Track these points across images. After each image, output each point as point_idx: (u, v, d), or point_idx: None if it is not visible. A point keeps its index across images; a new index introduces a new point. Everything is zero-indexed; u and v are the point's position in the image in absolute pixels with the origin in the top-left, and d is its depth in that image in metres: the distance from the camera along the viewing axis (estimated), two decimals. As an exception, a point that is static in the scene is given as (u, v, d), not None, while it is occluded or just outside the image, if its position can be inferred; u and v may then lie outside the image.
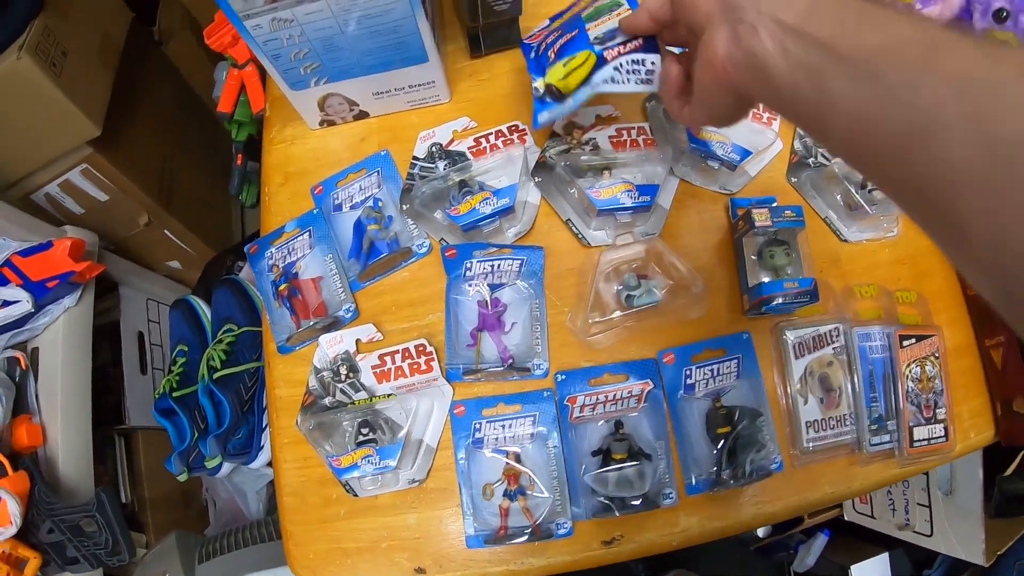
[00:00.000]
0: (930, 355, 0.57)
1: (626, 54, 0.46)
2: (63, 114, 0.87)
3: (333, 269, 0.59)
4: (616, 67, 0.46)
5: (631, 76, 0.46)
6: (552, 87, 0.48)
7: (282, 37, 0.53)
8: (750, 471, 0.52)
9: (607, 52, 0.46)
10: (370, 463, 0.49)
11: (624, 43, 0.46)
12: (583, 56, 0.47)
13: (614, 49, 0.46)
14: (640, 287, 0.53)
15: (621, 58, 0.46)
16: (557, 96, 0.48)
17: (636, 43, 0.46)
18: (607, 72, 0.46)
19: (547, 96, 0.49)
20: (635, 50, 0.46)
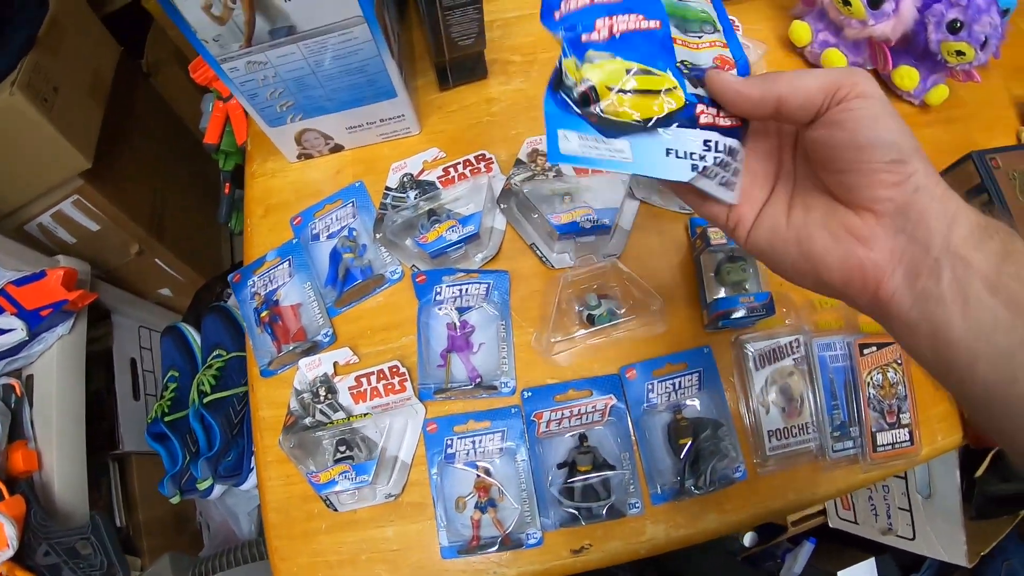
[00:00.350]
0: (892, 362, 0.60)
1: (724, 130, 0.32)
2: (54, 147, 0.93)
3: (311, 296, 0.63)
4: (707, 143, 0.32)
5: (720, 174, 0.33)
6: (592, 89, 0.31)
7: (257, 78, 0.58)
8: (713, 480, 0.56)
9: (701, 110, 0.32)
10: (347, 479, 0.53)
11: (717, 108, 0.32)
12: (663, 80, 0.32)
13: (711, 110, 0.32)
14: (601, 306, 0.57)
15: (716, 135, 0.32)
16: (592, 112, 0.31)
17: (734, 119, 0.33)
18: (690, 142, 0.32)
19: (572, 95, 0.31)
20: (732, 128, 0.33)
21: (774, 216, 0.34)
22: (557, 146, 0.31)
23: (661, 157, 0.32)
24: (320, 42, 0.54)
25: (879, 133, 0.29)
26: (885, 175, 0.29)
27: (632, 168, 0.32)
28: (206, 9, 0.49)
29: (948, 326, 0.28)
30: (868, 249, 0.30)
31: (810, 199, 0.33)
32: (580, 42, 0.32)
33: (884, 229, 0.30)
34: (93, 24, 1.04)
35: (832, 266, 0.31)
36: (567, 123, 0.31)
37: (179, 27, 0.51)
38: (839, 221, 0.31)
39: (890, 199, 0.29)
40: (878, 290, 0.30)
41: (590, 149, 0.31)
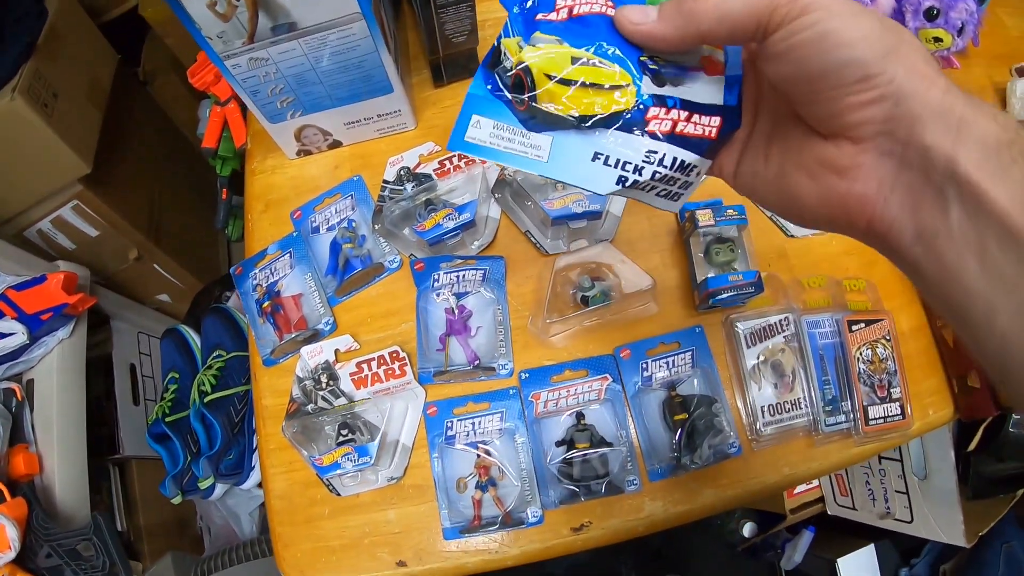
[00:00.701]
0: (880, 338, 0.63)
1: (689, 141, 0.28)
2: (55, 152, 0.95)
3: (312, 286, 0.65)
4: (650, 154, 0.28)
5: (660, 188, 0.30)
6: (527, 73, 0.28)
7: (259, 75, 0.60)
8: (709, 455, 0.58)
9: (655, 115, 0.28)
10: (349, 460, 0.55)
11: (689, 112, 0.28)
12: (613, 75, 0.28)
13: (671, 116, 0.28)
14: (594, 288, 0.60)
15: (667, 147, 0.28)
16: (522, 100, 0.28)
17: (708, 128, 0.29)
18: (629, 150, 0.28)
19: (505, 79, 0.28)
20: (700, 139, 0.28)
21: (754, 159, 0.30)
22: (464, 132, 0.28)
23: (584, 162, 0.28)
24: (320, 38, 0.57)
25: (832, 55, 0.24)
26: (852, 98, 0.24)
27: (543, 170, 0.28)
28: (211, 7, 0.52)
29: (960, 271, 0.24)
30: (850, 181, 0.26)
31: (787, 133, 0.29)
32: (533, 21, 0.29)
33: (867, 156, 0.25)
34: (91, 32, 1.07)
35: (812, 206, 0.28)
36: (488, 108, 0.28)
37: (184, 24, 0.53)
38: (815, 155, 0.27)
39: (866, 122, 0.25)
40: (871, 225, 0.26)
41: (501, 140, 0.28)
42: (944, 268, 0.24)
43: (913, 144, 0.24)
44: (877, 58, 0.24)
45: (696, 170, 0.29)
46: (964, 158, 0.23)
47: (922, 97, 0.24)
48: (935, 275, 0.25)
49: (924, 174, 0.24)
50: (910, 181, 0.25)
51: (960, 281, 0.24)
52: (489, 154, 0.28)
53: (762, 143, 0.30)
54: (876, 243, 0.27)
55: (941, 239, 0.24)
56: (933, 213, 0.24)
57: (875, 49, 0.24)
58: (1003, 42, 0.83)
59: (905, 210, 0.25)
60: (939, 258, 0.24)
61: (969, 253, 0.23)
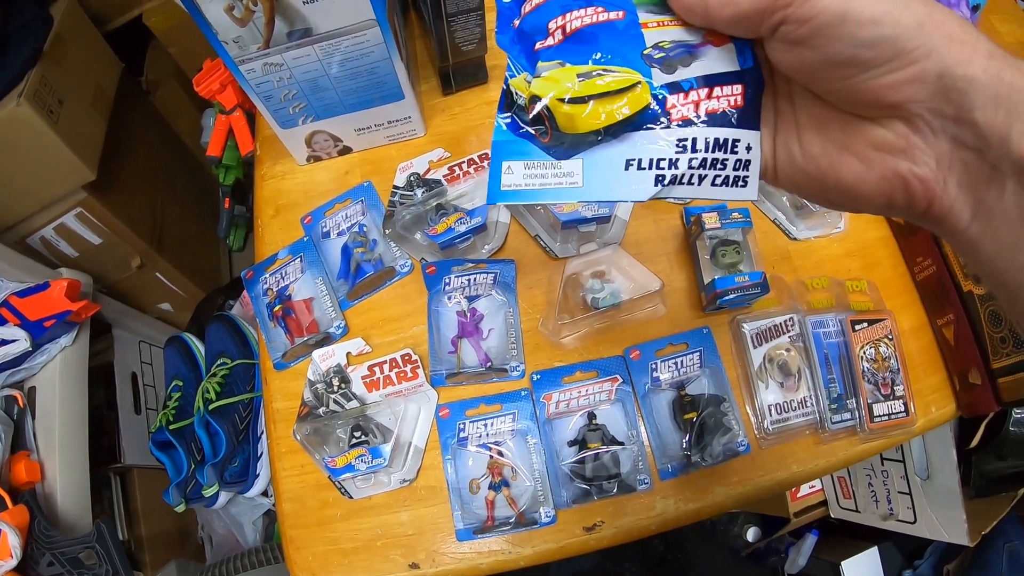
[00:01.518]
0: (883, 337, 0.64)
1: (719, 116, 0.27)
2: (60, 159, 0.96)
3: (323, 290, 0.66)
4: (689, 156, 0.27)
5: (711, 175, 0.28)
6: (543, 106, 0.28)
7: (273, 79, 0.61)
8: (719, 453, 0.59)
9: (674, 103, 0.28)
10: (363, 462, 0.56)
11: (709, 87, 0.27)
12: (623, 78, 0.27)
13: (692, 97, 0.28)
14: (604, 290, 0.61)
15: (697, 130, 0.27)
16: (544, 130, 0.28)
17: (731, 96, 0.28)
18: (658, 147, 0.27)
19: (523, 117, 0.28)
20: (726, 111, 0.27)
21: (788, 150, 0.28)
22: (499, 182, 0.28)
23: (619, 173, 0.28)
24: (334, 44, 0.58)
25: (856, 35, 0.22)
26: (889, 77, 0.22)
27: (582, 195, 0.28)
28: (228, 11, 0.53)
29: (1015, 248, 0.23)
30: (910, 163, 0.24)
31: (819, 114, 0.27)
32: (533, 53, 0.29)
33: (921, 135, 0.24)
34: (96, 40, 1.08)
35: (869, 192, 0.26)
36: (516, 150, 0.28)
37: (200, 27, 0.54)
38: (864, 138, 0.25)
39: (909, 100, 0.23)
40: (930, 207, 0.25)
41: (535, 179, 0.28)
42: (999, 245, 0.24)
43: (963, 122, 0.23)
44: (909, 31, 0.22)
45: (740, 143, 0.28)
46: (1017, 131, 0.21)
47: (966, 67, 0.22)
48: (991, 253, 0.24)
49: (978, 152, 0.23)
50: (965, 159, 0.23)
51: (1014, 257, 0.23)
52: (527, 196, 0.28)
53: (790, 132, 0.28)
54: (932, 224, 0.26)
55: (996, 216, 0.23)
56: (990, 191, 0.23)
57: (905, 21, 0.22)
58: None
59: (963, 189, 0.24)
60: (995, 235, 0.23)
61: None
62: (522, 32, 0.30)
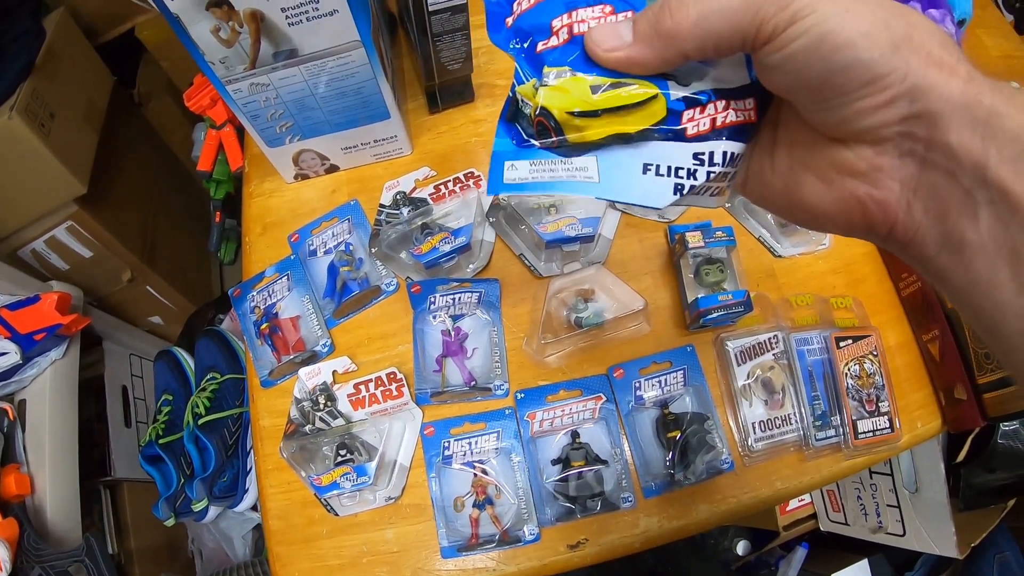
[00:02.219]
0: (868, 353, 0.65)
1: (732, 130, 0.27)
2: (51, 172, 0.97)
3: (310, 308, 0.67)
4: (698, 156, 0.27)
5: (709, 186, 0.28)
6: (548, 116, 0.27)
7: (260, 99, 0.62)
8: (702, 471, 0.60)
9: (691, 117, 0.27)
10: (348, 480, 0.57)
11: (726, 100, 0.27)
12: (637, 92, 0.26)
13: (708, 111, 0.27)
14: (587, 309, 0.62)
15: (713, 144, 0.27)
16: (554, 140, 0.27)
17: (747, 111, 0.27)
18: (676, 155, 0.27)
19: (528, 129, 0.28)
20: (742, 125, 0.27)
21: (760, 162, 0.28)
22: (500, 176, 0.27)
23: (636, 176, 0.27)
24: (320, 65, 0.59)
25: (832, 60, 0.22)
26: (861, 103, 0.22)
27: (598, 191, 0.27)
28: (214, 32, 0.54)
29: (991, 282, 0.22)
30: (869, 186, 0.24)
31: (795, 132, 0.27)
32: (536, 54, 0.28)
33: (886, 157, 0.23)
34: (88, 53, 1.09)
35: (828, 213, 0.26)
36: (518, 155, 0.28)
37: (187, 48, 0.55)
38: (827, 159, 0.25)
39: (880, 125, 0.23)
40: (893, 231, 0.24)
41: (544, 172, 0.27)
42: (973, 278, 0.22)
43: (936, 143, 0.22)
44: (884, 55, 0.21)
45: (742, 157, 0.28)
46: (995, 157, 0.21)
47: (941, 90, 0.21)
48: (964, 285, 0.23)
49: (950, 176, 0.22)
50: (934, 183, 0.22)
51: (991, 292, 0.22)
52: (535, 188, 0.27)
53: (767, 142, 0.28)
54: (899, 251, 0.26)
55: (970, 247, 0.22)
56: (961, 219, 0.22)
57: (881, 45, 0.21)
58: (983, 63, 0.86)
59: (930, 215, 0.23)
60: (968, 267, 0.22)
61: (1001, 262, 0.21)
62: (520, 30, 0.29)
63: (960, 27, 0.76)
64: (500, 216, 0.68)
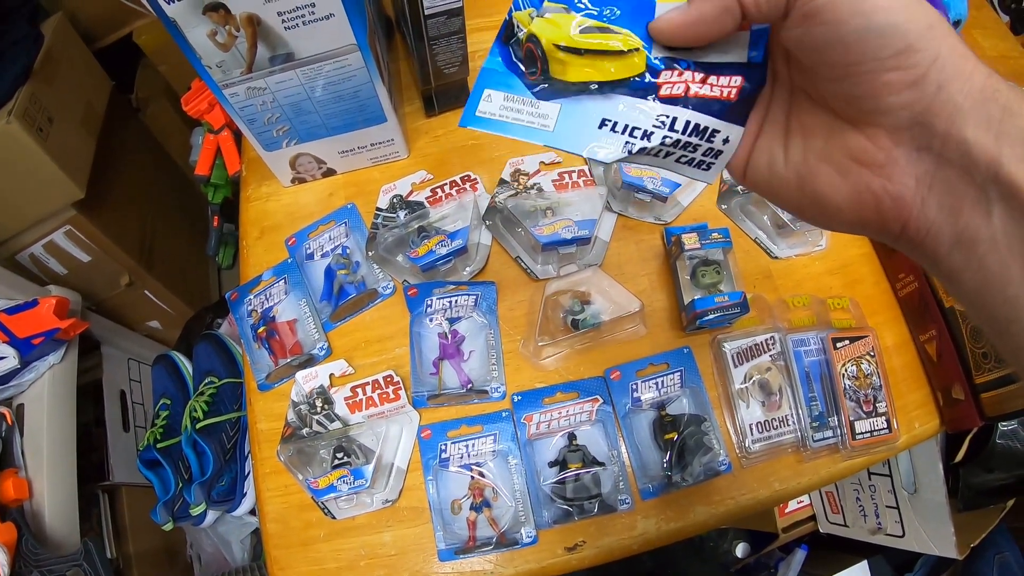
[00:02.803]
0: (865, 354, 0.65)
1: (707, 102, 0.28)
2: (49, 177, 0.97)
3: (307, 312, 0.67)
4: (665, 134, 0.28)
5: (678, 155, 0.29)
6: (536, 44, 0.29)
7: (256, 103, 0.63)
8: (699, 473, 0.60)
9: (667, 79, 0.28)
10: (345, 483, 0.57)
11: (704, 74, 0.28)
12: (622, 40, 0.28)
13: (685, 77, 0.28)
14: (584, 312, 0.62)
15: (681, 110, 0.28)
16: (535, 70, 0.29)
17: (726, 88, 0.28)
18: (639, 115, 0.28)
19: (518, 52, 0.30)
20: (715, 100, 0.28)
21: (770, 149, 0.28)
22: (476, 106, 0.29)
23: (590, 129, 0.28)
24: (316, 68, 0.59)
25: (872, 16, 0.22)
26: (891, 74, 0.22)
27: (549, 140, 0.28)
28: (211, 36, 0.54)
29: (1004, 279, 0.22)
30: (884, 179, 0.24)
31: (809, 120, 0.27)
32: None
33: (902, 149, 0.23)
34: (86, 58, 1.10)
35: (841, 206, 0.26)
36: (501, 82, 0.29)
37: (184, 52, 0.55)
38: (844, 147, 0.25)
39: (903, 106, 0.23)
40: (906, 229, 0.24)
41: (510, 112, 0.29)
42: (986, 276, 0.23)
43: (953, 138, 0.22)
44: (920, 30, 0.22)
45: (720, 135, 0.28)
46: (1008, 154, 0.21)
47: (965, 81, 0.22)
48: (976, 284, 0.23)
49: (965, 172, 0.22)
50: (949, 179, 0.23)
51: (1004, 288, 0.22)
52: (498, 127, 0.29)
53: (779, 130, 0.28)
54: (909, 249, 0.25)
55: (982, 244, 0.22)
56: (974, 216, 0.22)
57: (918, 21, 0.22)
58: (976, 65, 0.87)
59: (944, 212, 0.23)
60: (980, 265, 0.23)
61: (1013, 258, 0.22)
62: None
63: (956, 28, 0.76)
64: (496, 219, 0.68)
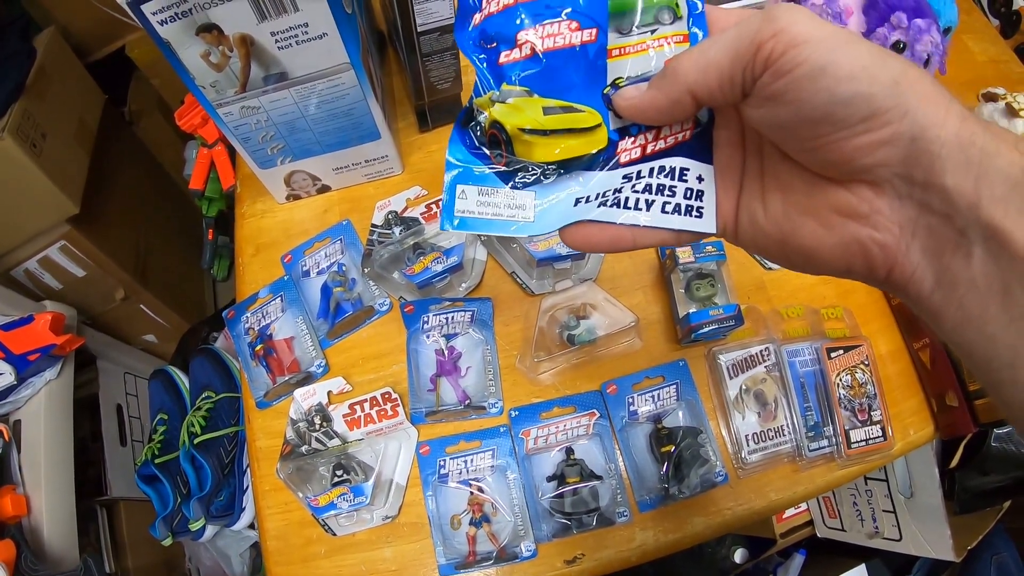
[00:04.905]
0: (859, 363, 0.66)
1: (656, 156, 0.29)
2: (43, 192, 0.98)
3: (304, 329, 0.68)
4: (633, 183, 0.29)
5: (659, 201, 0.29)
6: (500, 129, 0.29)
7: (251, 122, 0.63)
8: (696, 485, 0.61)
9: (624, 148, 0.29)
10: (345, 500, 0.58)
11: (656, 130, 0.29)
12: (585, 117, 0.29)
13: (639, 140, 0.29)
14: (579, 326, 0.63)
15: (645, 165, 0.29)
16: (500, 154, 0.29)
17: (679, 133, 0.29)
18: (606, 183, 0.29)
19: (481, 137, 0.30)
20: (674, 147, 0.29)
21: (751, 207, 0.28)
22: (452, 207, 0.29)
23: (568, 209, 0.29)
24: (310, 87, 0.60)
25: (835, 89, 0.22)
26: (862, 138, 0.22)
27: (531, 230, 0.29)
28: (204, 57, 0.55)
29: (983, 318, 0.22)
30: (870, 229, 0.24)
31: (787, 177, 0.27)
32: (498, 66, 0.29)
33: (886, 200, 0.24)
34: (79, 72, 1.10)
35: (828, 258, 0.26)
36: (470, 173, 0.29)
37: (178, 73, 0.56)
38: (825, 201, 0.25)
39: (880, 164, 0.23)
40: (891, 274, 0.25)
41: (488, 207, 0.29)
42: (966, 314, 0.23)
43: (933, 186, 0.22)
44: (885, 89, 0.22)
45: (690, 172, 0.29)
46: (987, 197, 0.21)
47: (939, 129, 0.22)
48: (957, 322, 0.23)
49: (946, 217, 0.23)
50: (931, 225, 0.23)
51: (983, 328, 0.23)
52: (479, 226, 0.29)
53: (758, 188, 0.28)
54: (893, 290, 0.26)
55: (963, 284, 0.23)
56: (955, 258, 0.23)
57: (882, 79, 0.22)
58: (970, 68, 0.88)
59: (927, 255, 0.24)
60: (961, 304, 0.23)
61: (992, 298, 0.22)
62: (484, 34, 0.29)
63: (946, 35, 0.77)
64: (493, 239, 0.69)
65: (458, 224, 0.29)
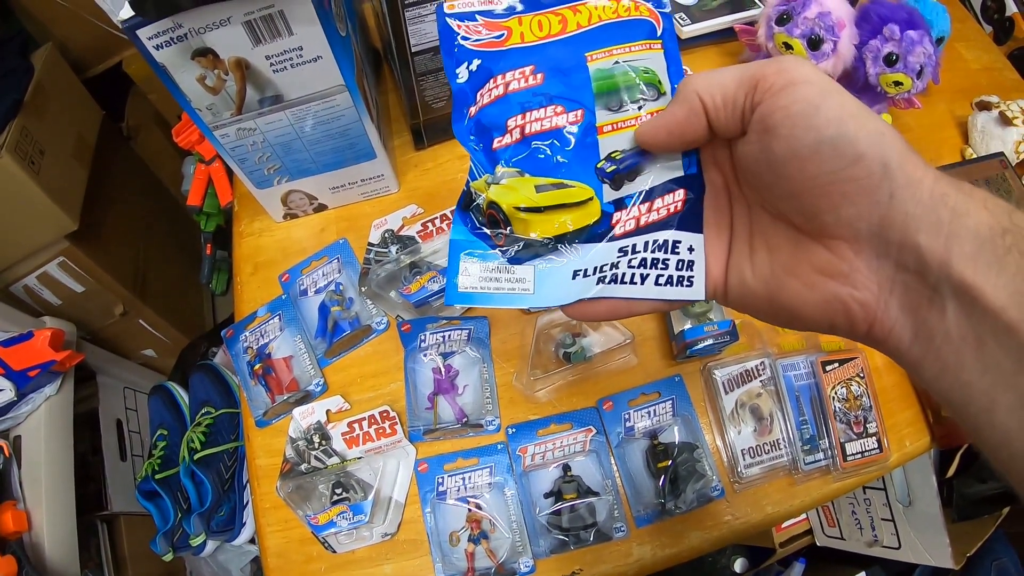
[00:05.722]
0: (854, 376, 0.67)
1: (658, 225, 0.30)
2: (41, 209, 0.99)
3: (302, 348, 0.69)
4: (629, 257, 0.30)
5: (653, 274, 0.30)
6: (497, 209, 0.30)
7: (247, 143, 0.64)
8: (692, 499, 0.62)
9: (618, 219, 0.31)
10: (344, 519, 0.58)
11: (649, 202, 0.31)
12: (577, 192, 0.31)
13: (633, 212, 0.31)
14: (575, 344, 0.64)
15: (636, 238, 0.30)
16: (500, 233, 0.31)
17: (671, 204, 0.30)
18: (602, 256, 0.30)
19: (480, 218, 0.31)
20: (667, 218, 0.30)
21: (739, 268, 0.30)
22: (456, 282, 0.30)
23: (567, 281, 0.30)
24: (305, 109, 0.61)
25: (824, 129, 0.24)
26: (846, 185, 0.24)
27: (532, 302, 0.30)
28: (200, 80, 0.55)
29: (959, 367, 0.24)
30: (850, 288, 0.26)
31: (772, 236, 0.29)
32: (491, 151, 0.31)
33: (864, 259, 0.25)
34: (76, 88, 1.11)
35: (812, 315, 0.27)
36: (471, 250, 0.31)
37: (174, 96, 0.57)
38: (808, 261, 0.27)
39: (860, 217, 0.24)
40: (871, 329, 0.26)
41: (491, 282, 0.30)
42: (943, 365, 0.24)
43: (907, 246, 0.24)
44: (871, 136, 0.24)
45: (682, 244, 0.30)
46: (957, 254, 0.23)
47: (916, 188, 0.23)
48: (934, 372, 0.25)
49: (920, 275, 0.24)
50: (907, 282, 0.25)
51: (959, 376, 0.24)
52: (482, 300, 0.31)
53: (745, 248, 0.30)
54: (874, 344, 0.27)
55: (938, 337, 0.24)
56: (931, 313, 0.24)
57: (868, 129, 0.24)
58: (963, 76, 0.88)
59: (905, 311, 0.25)
60: (938, 356, 0.24)
61: (967, 349, 0.23)
62: (480, 124, 0.32)
63: (939, 45, 0.78)
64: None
65: (462, 299, 0.31)
